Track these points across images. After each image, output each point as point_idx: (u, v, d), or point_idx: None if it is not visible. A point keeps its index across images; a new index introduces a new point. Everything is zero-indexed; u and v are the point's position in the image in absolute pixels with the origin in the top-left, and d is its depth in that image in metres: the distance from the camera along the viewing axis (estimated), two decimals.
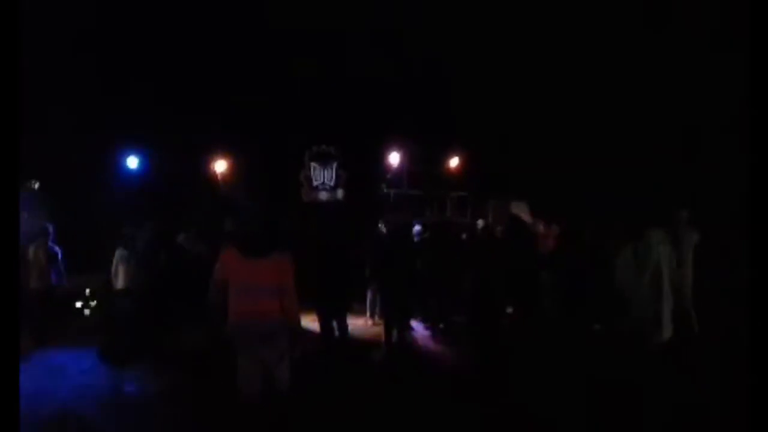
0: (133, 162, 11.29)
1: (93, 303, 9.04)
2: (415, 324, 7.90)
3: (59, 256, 7.66)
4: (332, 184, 13.03)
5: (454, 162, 12.86)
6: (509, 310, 7.46)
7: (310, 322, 6.26)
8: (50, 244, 7.63)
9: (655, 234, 4.75)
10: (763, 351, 2.67)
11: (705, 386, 4.76)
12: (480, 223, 9.81)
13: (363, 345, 7.07)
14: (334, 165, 13.05)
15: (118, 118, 10.94)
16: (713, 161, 10.14)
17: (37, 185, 10.50)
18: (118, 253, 7.46)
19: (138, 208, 9.62)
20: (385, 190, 12.89)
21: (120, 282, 7.45)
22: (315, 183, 13.02)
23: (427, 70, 12.62)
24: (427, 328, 7.88)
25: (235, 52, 11.95)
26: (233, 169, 12.13)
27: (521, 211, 12.06)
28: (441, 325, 7.72)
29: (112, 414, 4.82)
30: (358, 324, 8.06)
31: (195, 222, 8.97)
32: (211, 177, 11.94)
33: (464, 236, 8.51)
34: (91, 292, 9.03)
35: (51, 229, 7.76)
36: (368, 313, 8.33)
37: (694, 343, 5.83)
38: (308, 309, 5.83)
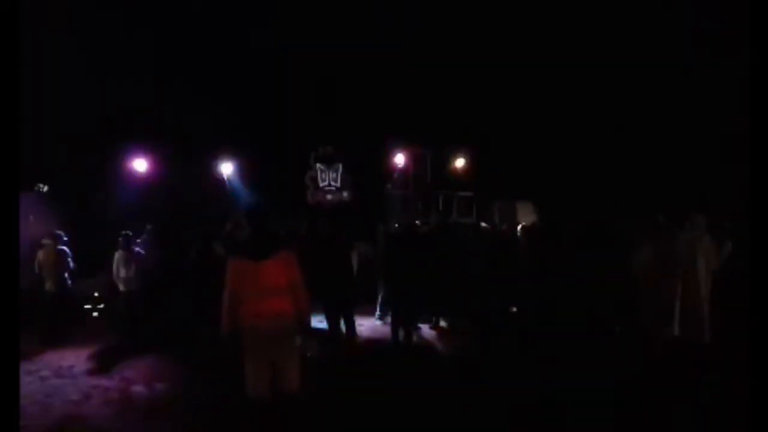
0: (140, 165, 11.36)
1: (101, 305, 9.09)
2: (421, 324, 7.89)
3: (68, 258, 7.69)
4: (338, 185, 13.05)
5: (459, 163, 12.85)
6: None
7: (317, 323, 6.27)
8: (60, 247, 7.66)
9: (677, 235, 4.72)
10: (764, 351, 2.65)
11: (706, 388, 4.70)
12: (483, 225, 9.78)
13: (371, 344, 7.07)
14: (340, 166, 13.07)
15: (125, 122, 11.02)
16: (722, 164, 10.08)
17: (45, 189, 10.60)
18: (117, 255, 7.50)
19: (145, 211, 9.68)
20: (390, 191, 12.89)
21: (122, 283, 7.51)
22: (321, 184, 13.05)
23: (432, 71, 12.62)
24: (432, 327, 7.85)
25: (241, 55, 12.02)
26: (239, 171, 12.19)
27: (527, 211, 12.04)
28: (445, 325, 7.73)
29: (120, 415, 4.83)
30: (368, 324, 8.05)
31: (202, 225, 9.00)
32: (218, 179, 12.00)
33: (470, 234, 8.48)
34: (99, 294, 9.08)
35: (60, 232, 7.78)
36: (378, 313, 8.30)
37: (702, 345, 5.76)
38: (316, 309, 5.83)
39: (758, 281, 2.86)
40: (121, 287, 7.52)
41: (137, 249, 7.68)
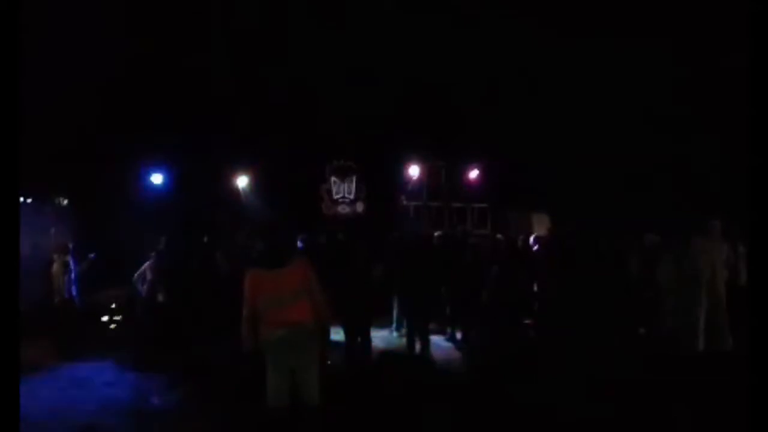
0: (157, 178, 11.52)
1: (118, 317, 9.15)
2: (435, 337, 7.83)
3: (72, 270, 7.75)
4: (352, 197, 13.09)
5: (473, 174, 12.82)
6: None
7: (334, 335, 6.22)
8: (66, 259, 7.70)
9: (697, 243, 4.65)
10: (764, 352, 2.60)
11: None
12: (499, 236, 9.69)
13: (387, 357, 7.01)
14: (354, 178, 13.13)
15: (142, 136, 11.19)
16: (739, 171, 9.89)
17: (65, 202, 10.80)
18: (147, 264, 7.62)
19: (162, 223, 9.78)
20: (404, 203, 12.90)
21: (145, 293, 7.60)
22: (335, 196, 13.10)
23: (444, 82, 12.66)
24: (447, 339, 7.79)
25: (256, 69, 12.17)
26: (254, 184, 12.29)
27: (542, 222, 11.97)
28: (458, 336, 7.67)
29: (137, 426, 4.84)
30: (383, 336, 8.00)
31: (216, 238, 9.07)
32: (233, 192, 12.11)
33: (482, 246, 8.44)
34: (116, 305, 9.15)
35: (70, 244, 7.86)
36: (394, 325, 8.25)
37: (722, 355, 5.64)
38: (336, 323, 5.83)
39: (758, 282, 2.82)
40: (144, 296, 7.62)
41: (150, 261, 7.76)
